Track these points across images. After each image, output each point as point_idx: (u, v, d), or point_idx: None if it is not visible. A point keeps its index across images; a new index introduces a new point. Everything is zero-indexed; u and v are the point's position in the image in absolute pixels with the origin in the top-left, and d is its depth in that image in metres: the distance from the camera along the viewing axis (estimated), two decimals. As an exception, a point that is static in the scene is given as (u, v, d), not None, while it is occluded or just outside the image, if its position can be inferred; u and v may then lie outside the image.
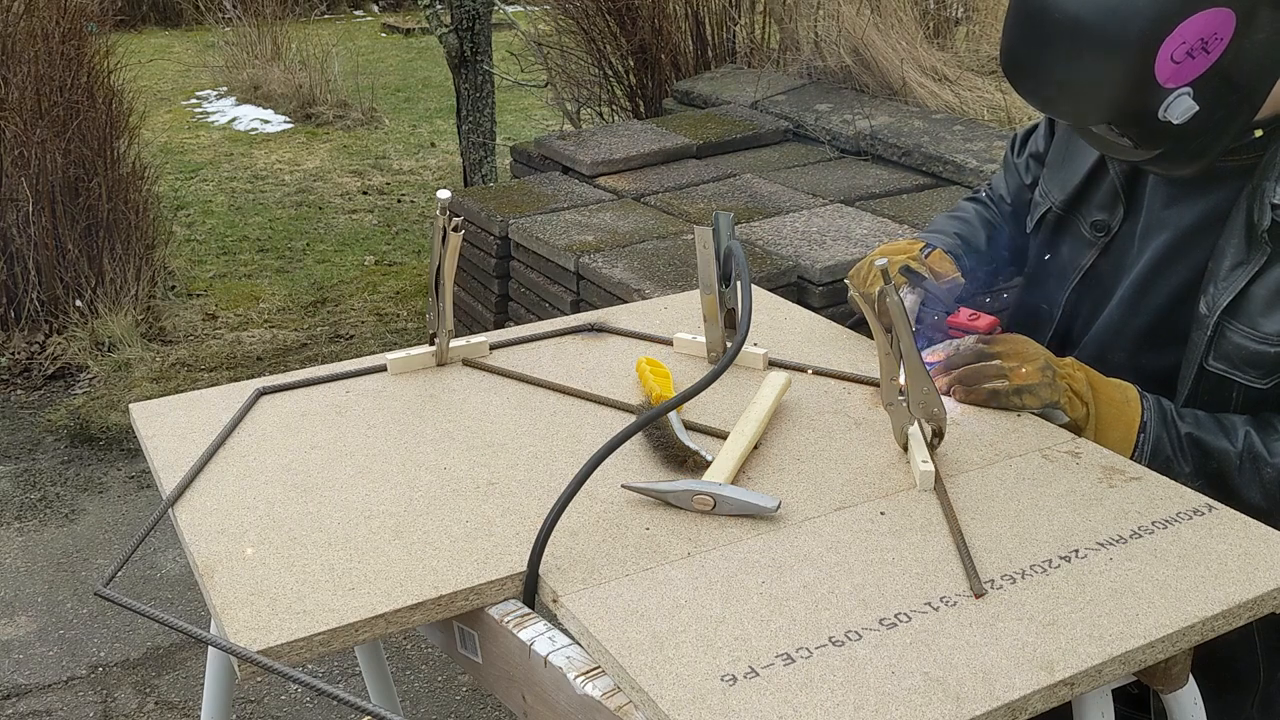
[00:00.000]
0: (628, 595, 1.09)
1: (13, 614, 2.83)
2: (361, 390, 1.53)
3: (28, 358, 4.25)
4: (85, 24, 4.47)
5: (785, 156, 4.15)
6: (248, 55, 8.87)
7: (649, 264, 3.18)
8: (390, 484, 1.30)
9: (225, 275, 5.17)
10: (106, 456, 3.61)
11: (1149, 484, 1.27)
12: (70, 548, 3.11)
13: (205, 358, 4.28)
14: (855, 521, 1.21)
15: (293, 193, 6.44)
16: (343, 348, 4.35)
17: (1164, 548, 1.15)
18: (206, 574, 1.14)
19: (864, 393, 1.50)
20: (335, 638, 1.06)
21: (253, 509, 1.25)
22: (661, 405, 1.26)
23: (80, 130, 4.32)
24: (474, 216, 3.79)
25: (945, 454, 1.33)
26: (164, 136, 7.39)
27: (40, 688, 2.57)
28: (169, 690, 2.56)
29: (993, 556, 1.14)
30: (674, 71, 5.64)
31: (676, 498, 1.22)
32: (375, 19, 12.43)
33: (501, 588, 1.13)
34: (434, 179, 6.67)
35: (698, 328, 1.65)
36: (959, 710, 0.94)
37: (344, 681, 2.55)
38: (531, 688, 1.07)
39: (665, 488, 1.23)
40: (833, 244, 3.26)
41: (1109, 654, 1.01)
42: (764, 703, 0.95)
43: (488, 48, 5.35)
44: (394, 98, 8.71)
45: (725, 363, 1.21)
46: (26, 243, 4.25)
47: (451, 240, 1.47)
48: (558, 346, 1.66)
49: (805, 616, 1.05)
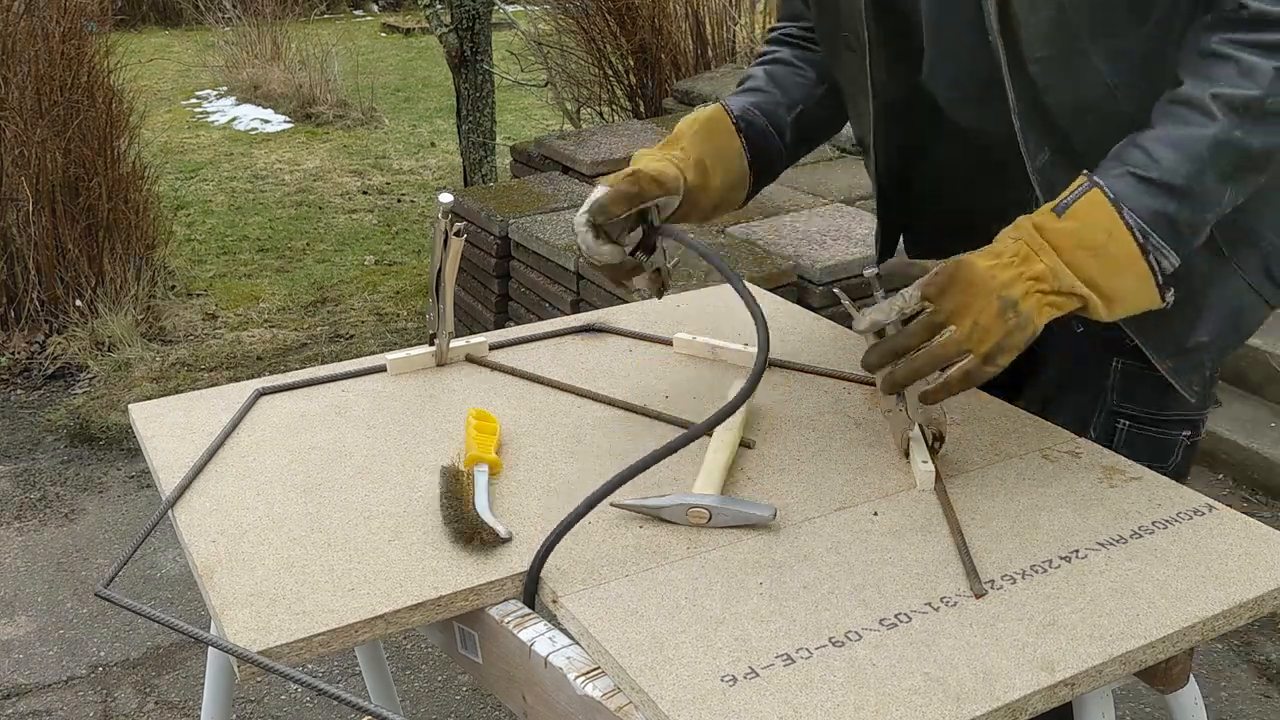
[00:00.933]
0: (628, 596, 1.09)
1: (13, 614, 2.83)
2: (361, 390, 1.53)
3: (28, 357, 4.25)
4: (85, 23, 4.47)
5: (785, 156, 4.15)
6: (248, 55, 8.88)
7: (649, 264, 3.18)
8: (390, 484, 1.30)
9: (225, 275, 5.17)
10: (106, 456, 3.61)
11: (1149, 484, 1.27)
12: (70, 547, 3.11)
13: (205, 357, 4.28)
14: (855, 521, 1.21)
15: (293, 192, 6.44)
16: (343, 348, 4.35)
17: (1164, 548, 1.15)
18: (206, 575, 1.14)
19: (864, 393, 1.50)
20: (335, 638, 1.06)
21: (253, 509, 1.25)
22: (721, 411, 1.20)
23: (80, 130, 4.32)
24: (474, 216, 3.79)
25: (945, 454, 1.33)
26: (164, 136, 7.39)
27: (40, 687, 2.57)
28: (169, 690, 2.56)
29: (993, 556, 1.14)
30: (674, 71, 5.64)
31: (670, 513, 1.21)
32: (375, 19, 12.43)
33: (501, 588, 1.13)
34: (434, 179, 6.67)
35: (698, 328, 1.65)
36: (959, 710, 0.94)
37: (344, 681, 2.55)
38: (532, 688, 1.07)
39: (657, 503, 1.22)
40: (833, 244, 3.26)
41: (1109, 654, 1.00)
42: (764, 703, 0.95)
43: (488, 47, 5.35)
44: (394, 97, 8.72)
45: (752, 382, 1.20)
46: (26, 242, 4.25)
47: (454, 244, 1.47)
48: (558, 346, 1.66)
49: (805, 617, 1.05)
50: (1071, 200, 1.16)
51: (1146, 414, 1.41)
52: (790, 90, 1.56)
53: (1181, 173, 1.13)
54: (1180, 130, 1.14)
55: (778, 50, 1.61)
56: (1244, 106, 1.12)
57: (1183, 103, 1.15)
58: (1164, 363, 1.34)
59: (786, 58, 1.59)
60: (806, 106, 1.56)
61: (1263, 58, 1.11)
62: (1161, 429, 1.42)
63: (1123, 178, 1.15)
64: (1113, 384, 1.41)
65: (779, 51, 1.61)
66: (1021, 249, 1.16)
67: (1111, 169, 1.17)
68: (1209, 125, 1.13)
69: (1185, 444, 1.43)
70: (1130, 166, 1.15)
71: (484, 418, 1.39)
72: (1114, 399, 1.41)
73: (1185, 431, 1.43)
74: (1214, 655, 2.55)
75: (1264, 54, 1.11)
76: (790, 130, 1.55)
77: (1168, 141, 1.14)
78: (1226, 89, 1.13)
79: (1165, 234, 1.14)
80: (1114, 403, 1.41)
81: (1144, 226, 1.14)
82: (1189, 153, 1.13)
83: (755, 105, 1.53)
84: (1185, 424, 1.42)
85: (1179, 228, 1.15)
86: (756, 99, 1.54)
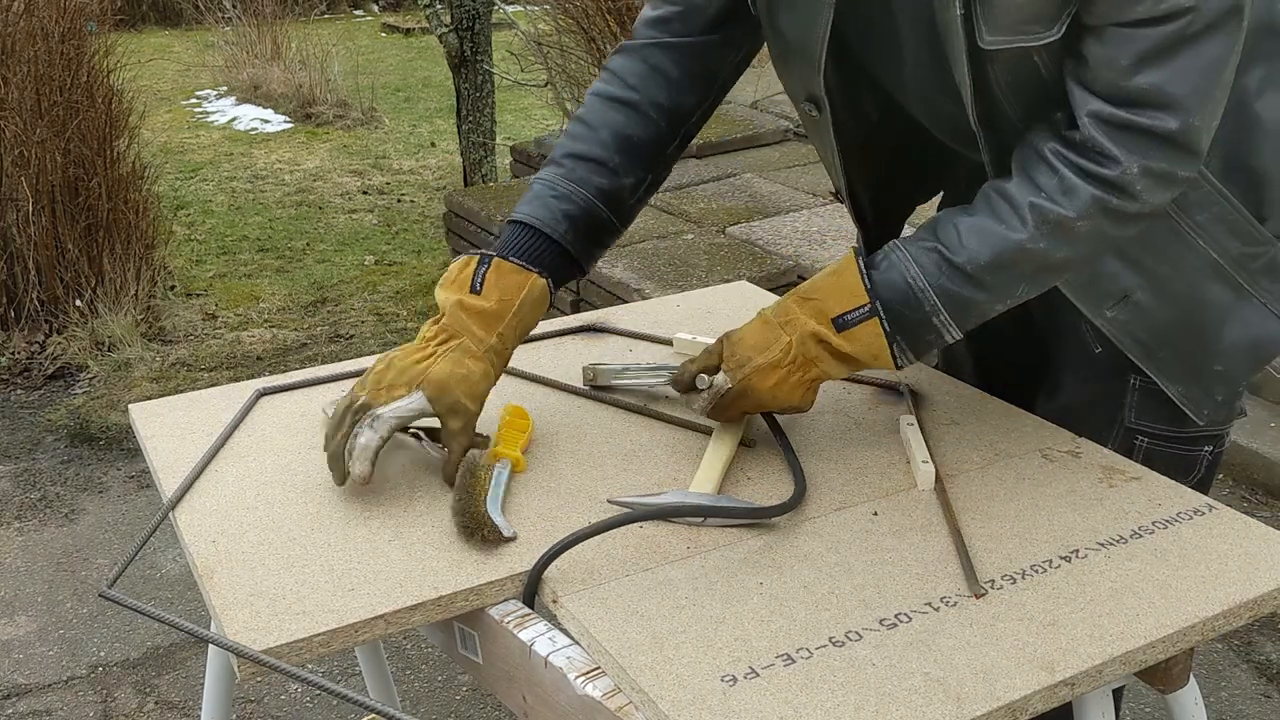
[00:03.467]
0: (627, 596, 1.09)
1: (13, 614, 2.83)
2: (361, 390, 1.53)
3: (28, 357, 4.25)
4: (85, 24, 4.47)
5: (785, 156, 4.14)
6: (248, 55, 8.87)
7: (649, 264, 3.18)
8: (390, 484, 1.30)
9: (225, 275, 5.16)
10: (106, 456, 3.61)
11: (1149, 484, 1.27)
12: (70, 548, 3.11)
13: (205, 357, 4.28)
14: (855, 521, 1.21)
15: (293, 192, 6.44)
16: (343, 348, 4.35)
17: (1164, 548, 1.15)
18: (206, 575, 1.14)
19: (864, 392, 1.50)
20: (335, 638, 1.06)
21: (253, 509, 1.25)
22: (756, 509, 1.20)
23: (80, 130, 4.32)
24: (474, 216, 3.79)
25: (945, 454, 1.33)
26: (164, 136, 7.39)
27: (40, 687, 2.57)
28: (169, 690, 2.56)
29: (993, 556, 1.14)
30: (674, 71, 5.63)
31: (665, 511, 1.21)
32: (375, 19, 12.43)
33: (501, 588, 1.13)
34: (434, 179, 6.67)
35: (697, 328, 1.65)
36: (959, 710, 0.94)
37: (344, 681, 2.55)
38: (532, 688, 1.07)
39: (652, 502, 1.22)
40: (833, 244, 3.26)
41: (1109, 654, 1.01)
42: (764, 703, 0.95)
43: (488, 47, 5.35)
44: (394, 97, 8.71)
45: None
46: (26, 243, 4.25)
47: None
48: (558, 346, 1.66)
49: (805, 616, 1.05)
50: (854, 322, 1.23)
51: (1166, 432, 1.38)
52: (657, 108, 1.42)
53: (983, 264, 1.20)
54: (994, 227, 1.20)
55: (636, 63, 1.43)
56: (1056, 223, 1.18)
57: (1004, 199, 1.21)
58: (1173, 388, 1.34)
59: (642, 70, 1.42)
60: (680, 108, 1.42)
61: (1084, 182, 1.16)
62: (1182, 445, 1.39)
63: (931, 253, 1.22)
64: (1130, 402, 1.38)
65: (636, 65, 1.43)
66: (799, 358, 1.26)
67: (924, 241, 1.24)
68: (1020, 231, 1.19)
69: (1208, 459, 1.40)
70: (941, 246, 1.22)
71: (518, 415, 1.37)
72: (1131, 417, 1.39)
73: (1207, 447, 1.40)
74: (1214, 655, 2.55)
75: (1085, 180, 1.16)
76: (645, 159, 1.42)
77: (980, 233, 1.21)
78: (1045, 202, 1.18)
79: (953, 312, 1.22)
80: (1131, 420, 1.39)
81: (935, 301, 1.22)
82: (996, 250, 1.20)
83: (575, 182, 1.40)
84: (1208, 440, 1.39)
85: (968, 309, 1.23)
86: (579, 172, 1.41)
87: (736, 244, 3.34)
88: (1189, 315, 1.31)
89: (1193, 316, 1.30)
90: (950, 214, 1.24)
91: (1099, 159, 1.15)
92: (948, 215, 1.24)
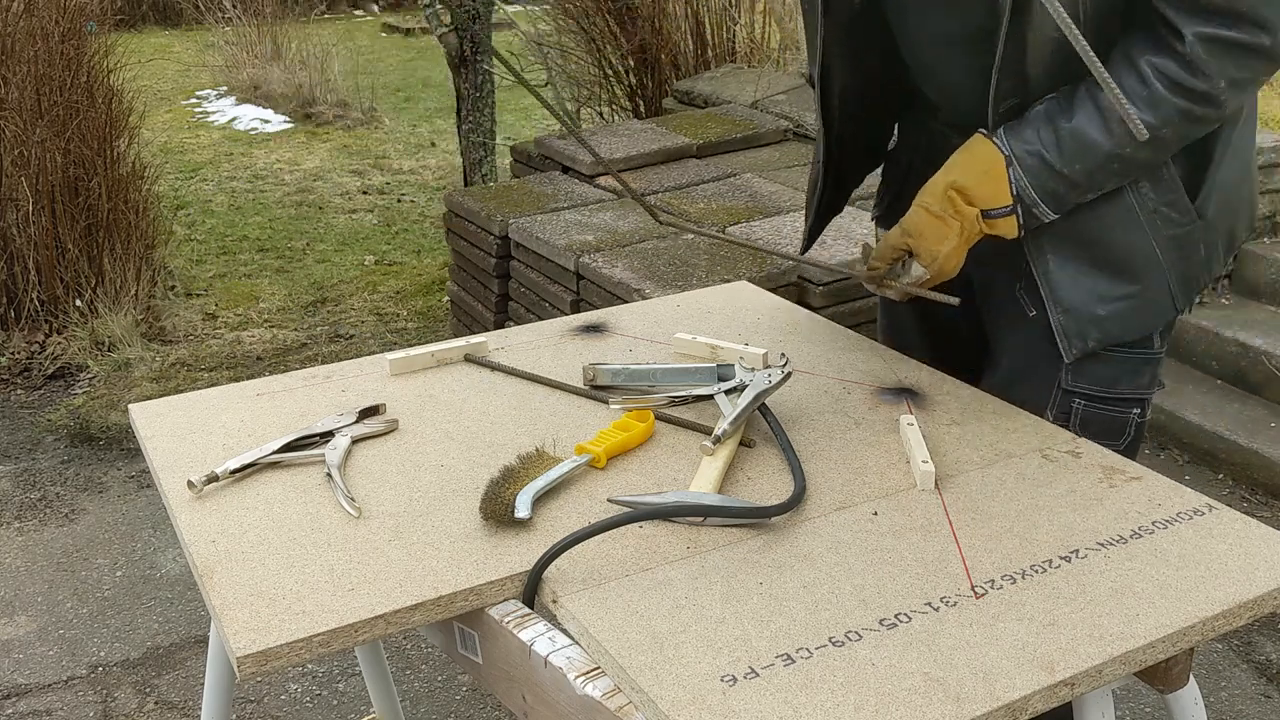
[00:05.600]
0: (627, 596, 1.09)
1: (13, 614, 2.83)
2: (361, 390, 1.53)
3: (28, 357, 4.25)
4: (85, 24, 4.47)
5: (785, 156, 4.14)
6: (247, 55, 8.87)
7: (649, 264, 3.18)
8: (390, 484, 1.30)
9: (225, 275, 5.17)
10: (106, 456, 3.61)
11: (1149, 484, 1.27)
12: (70, 547, 3.11)
13: (205, 357, 4.28)
14: (855, 521, 1.21)
15: (293, 192, 6.44)
16: (343, 348, 4.35)
17: (1164, 548, 1.15)
18: (206, 575, 1.14)
19: (864, 392, 1.50)
20: (335, 638, 1.06)
21: (253, 509, 1.25)
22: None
23: (80, 130, 4.32)
24: (474, 216, 3.79)
25: (945, 454, 1.33)
26: (164, 136, 7.39)
27: (40, 688, 2.57)
28: (169, 690, 2.56)
29: (993, 556, 1.14)
30: (674, 71, 5.64)
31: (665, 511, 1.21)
32: (375, 19, 12.43)
33: (501, 588, 1.13)
34: (434, 179, 6.67)
35: (697, 328, 1.65)
36: (959, 710, 0.94)
37: (344, 681, 2.55)
38: (532, 688, 1.07)
39: (652, 502, 1.22)
40: (833, 244, 3.26)
41: (1109, 654, 1.01)
42: (764, 703, 0.95)
43: (488, 47, 5.34)
44: (394, 97, 8.71)
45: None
46: (26, 242, 4.25)
47: None
48: (558, 346, 1.66)
49: (805, 616, 1.05)
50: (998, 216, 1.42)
51: (1099, 392, 1.50)
52: None
53: (1078, 168, 1.37)
54: (1089, 134, 1.36)
55: None
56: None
57: (1097, 108, 1.35)
58: (1056, 316, 1.47)
59: None
60: None
61: (1172, 95, 1.31)
62: (1115, 407, 1.51)
63: (1034, 156, 1.38)
64: (1066, 363, 1.49)
65: None
66: (968, 238, 1.44)
67: (1028, 144, 1.38)
68: (1110, 139, 1.35)
69: (1136, 421, 1.54)
70: (1043, 150, 1.38)
71: (639, 418, 1.40)
72: (1069, 378, 1.50)
73: (1135, 410, 1.53)
74: (1214, 655, 2.55)
75: (1175, 92, 1.31)
76: None
77: (1075, 138, 1.36)
78: (1130, 112, 1.26)
79: (1052, 205, 1.40)
80: (1068, 382, 1.50)
81: (1034, 196, 1.40)
82: (1089, 155, 1.36)
83: None
84: (1136, 402, 1.52)
85: (1064, 201, 1.40)
86: None
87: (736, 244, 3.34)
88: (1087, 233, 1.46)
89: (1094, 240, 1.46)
90: (1052, 113, 1.38)
91: (1196, 73, 1.29)
92: (1048, 114, 1.38)
